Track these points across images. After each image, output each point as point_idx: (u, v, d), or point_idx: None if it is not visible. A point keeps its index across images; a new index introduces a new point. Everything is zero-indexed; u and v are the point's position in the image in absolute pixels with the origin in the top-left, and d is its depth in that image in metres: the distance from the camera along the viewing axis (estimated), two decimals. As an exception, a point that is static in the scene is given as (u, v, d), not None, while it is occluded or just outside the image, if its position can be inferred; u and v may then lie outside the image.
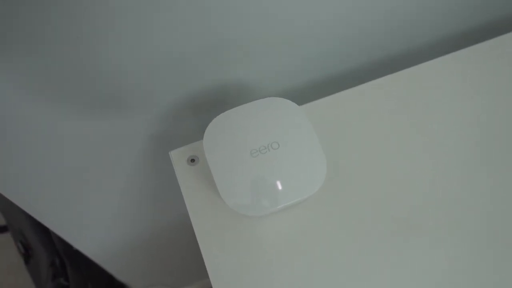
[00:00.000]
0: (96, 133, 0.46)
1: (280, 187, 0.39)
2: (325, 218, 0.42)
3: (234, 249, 0.41)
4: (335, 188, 0.43)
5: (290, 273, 0.40)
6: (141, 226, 0.66)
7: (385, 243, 0.41)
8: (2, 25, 0.32)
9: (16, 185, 0.47)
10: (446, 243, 0.41)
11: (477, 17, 0.57)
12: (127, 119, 0.46)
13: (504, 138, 0.46)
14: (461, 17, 0.55)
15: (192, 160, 0.44)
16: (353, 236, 0.42)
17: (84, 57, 0.37)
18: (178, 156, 0.44)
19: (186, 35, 0.40)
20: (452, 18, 0.55)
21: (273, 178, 0.39)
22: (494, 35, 0.51)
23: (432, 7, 0.51)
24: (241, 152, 0.39)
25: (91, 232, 0.63)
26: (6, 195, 0.47)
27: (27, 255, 0.79)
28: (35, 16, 0.32)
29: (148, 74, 0.42)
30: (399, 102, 0.48)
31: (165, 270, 0.88)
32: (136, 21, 0.36)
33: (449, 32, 0.57)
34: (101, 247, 0.68)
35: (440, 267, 0.40)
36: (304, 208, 0.43)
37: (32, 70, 0.36)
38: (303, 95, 0.55)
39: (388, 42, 0.54)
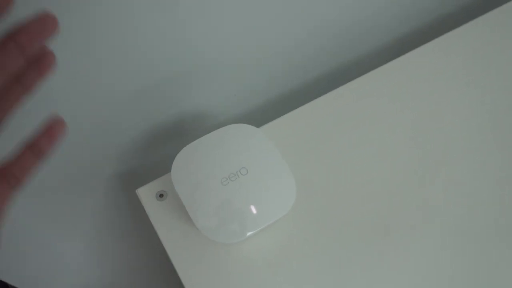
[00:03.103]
0: (54, 178, 0.44)
1: (254, 211, 0.39)
2: (299, 234, 0.43)
3: (215, 276, 0.41)
4: (306, 203, 0.44)
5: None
6: (115, 269, 0.64)
7: (361, 252, 0.42)
8: None
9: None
10: (424, 248, 0.43)
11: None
12: (86, 160, 0.44)
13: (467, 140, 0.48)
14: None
15: (161, 195, 0.43)
16: (328, 248, 0.43)
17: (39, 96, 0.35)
18: (145, 193, 0.44)
19: (133, 72, 0.39)
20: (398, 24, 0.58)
21: (246, 203, 0.39)
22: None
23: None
24: (211, 181, 0.39)
25: (63, 279, 0.60)
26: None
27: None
28: None
29: (100, 114, 0.41)
30: (359, 110, 0.50)
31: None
32: (86, 57, 0.35)
33: (392, 39, 0.60)
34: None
35: (420, 273, 0.42)
36: (278, 227, 0.43)
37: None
38: (261, 115, 0.56)
39: (341, 53, 0.56)
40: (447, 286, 0.41)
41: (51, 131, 0.26)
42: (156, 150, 0.50)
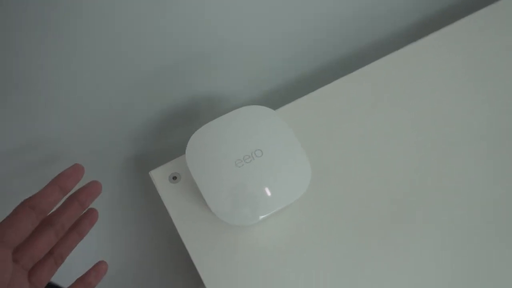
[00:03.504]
0: (67, 159, 0.44)
1: (268, 194, 0.39)
2: (312, 218, 0.43)
3: (227, 259, 0.41)
4: (320, 187, 0.44)
5: (283, 275, 0.41)
6: (127, 253, 0.63)
7: (374, 238, 0.43)
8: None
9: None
10: (437, 237, 0.43)
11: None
12: (100, 142, 0.45)
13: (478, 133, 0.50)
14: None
15: (174, 178, 0.44)
16: (340, 233, 0.43)
17: (47, 86, 0.36)
18: (158, 175, 0.44)
19: (149, 53, 0.39)
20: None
21: (261, 186, 0.39)
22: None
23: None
24: (225, 163, 0.39)
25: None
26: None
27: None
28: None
29: (116, 95, 0.41)
30: (375, 95, 0.50)
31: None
32: (101, 39, 0.35)
33: (403, 26, 0.61)
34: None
35: (433, 265, 0.42)
36: (292, 210, 0.43)
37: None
38: (273, 99, 0.56)
39: (356, 38, 0.57)
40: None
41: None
42: (170, 133, 0.50)
